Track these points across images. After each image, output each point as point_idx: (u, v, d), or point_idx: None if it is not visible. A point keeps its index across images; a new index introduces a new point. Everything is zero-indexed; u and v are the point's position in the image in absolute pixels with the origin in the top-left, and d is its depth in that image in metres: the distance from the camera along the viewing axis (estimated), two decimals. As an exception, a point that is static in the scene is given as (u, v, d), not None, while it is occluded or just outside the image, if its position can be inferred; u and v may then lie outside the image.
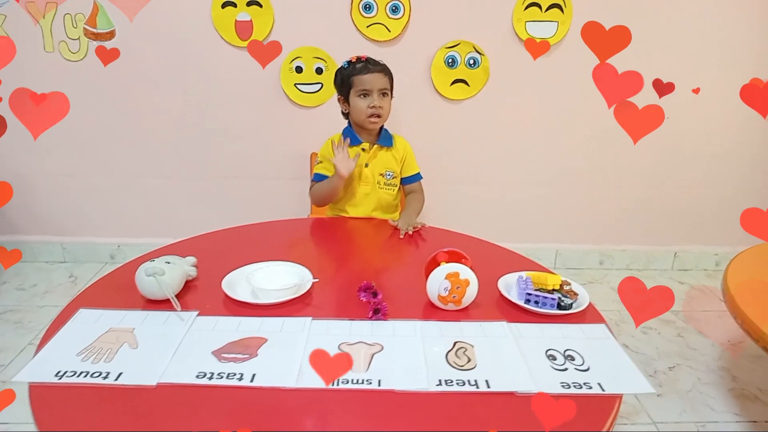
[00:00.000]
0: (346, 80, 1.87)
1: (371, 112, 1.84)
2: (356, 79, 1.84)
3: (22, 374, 0.97)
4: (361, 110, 1.85)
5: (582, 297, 1.28)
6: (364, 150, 1.90)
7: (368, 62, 1.86)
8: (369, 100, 1.84)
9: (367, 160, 1.91)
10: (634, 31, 2.76)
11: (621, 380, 1.01)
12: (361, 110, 1.85)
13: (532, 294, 1.24)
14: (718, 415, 1.91)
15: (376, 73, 1.84)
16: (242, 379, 0.96)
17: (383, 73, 1.86)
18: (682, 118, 2.73)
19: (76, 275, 2.76)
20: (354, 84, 1.85)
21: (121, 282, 1.30)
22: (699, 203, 2.92)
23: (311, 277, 1.30)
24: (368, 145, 1.91)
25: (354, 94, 1.86)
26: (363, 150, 1.90)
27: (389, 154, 1.94)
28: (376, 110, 1.84)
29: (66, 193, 2.78)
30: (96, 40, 2.46)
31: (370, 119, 1.85)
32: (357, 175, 1.90)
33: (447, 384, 0.97)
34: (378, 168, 1.92)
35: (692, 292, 2.80)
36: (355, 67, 1.85)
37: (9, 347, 2.15)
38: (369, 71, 1.84)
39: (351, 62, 1.88)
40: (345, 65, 1.89)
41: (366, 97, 1.85)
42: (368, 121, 1.86)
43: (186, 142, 2.69)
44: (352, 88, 1.86)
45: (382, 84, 1.85)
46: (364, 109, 1.84)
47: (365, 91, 1.84)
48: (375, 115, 1.85)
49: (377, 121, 1.87)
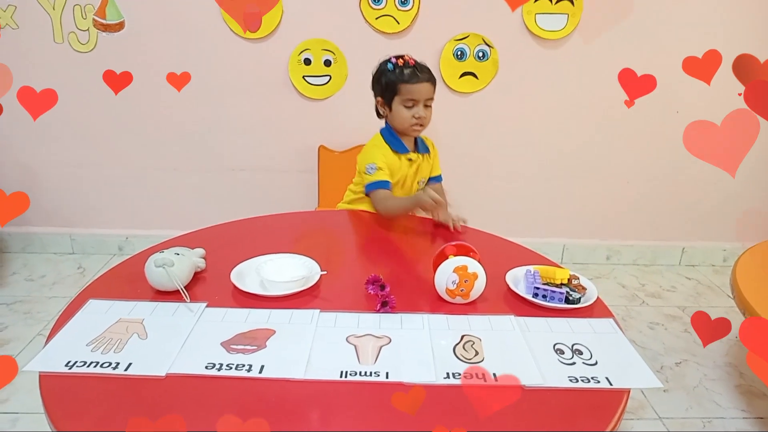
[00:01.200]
0: (391, 85, 1.75)
1: (415, 122, 1.75)
2: (403, 87, 1.73)
3: (33, 364, 0.98)
4: (404, 119, 1.75)
5: (590, 291, 1.27)
6: (411, 160, 1.83)
7: (416, 69, 1.74)
8: (414, 111, 1.74)
9: (414, 171, 1.84)
10: (643, 24, 2.76)
11: (629, 375, 1.01)
12: (405, 119, 1.75)
13: (540, 288, 1.24)
14: (724, 411, 1.91)
15: (424, 82, 1.73)
16: (251, 371, 0.97)
17: (431, 83, 1.75)
18: (691, 112, 2.71)
19: (84, 266, 2.78)
20: (400, 91, 1.74)
21: (130, 273, 1.30)
22: (707, 199, 2.91)
23: (319, 270, 1.30)
24: (415, 155, 1.84)
25: (399, 101, 1.75)
26: (410, 160, 1.83)
27: (427, 161, 1.89)
28: (420, 120, 1.75)
29: (74, 184, 2.79)
30: (105, 31, 2.47)
31: (413, 128, 1.77)
32: (401, 186, 1.84)
33: (455, 377, 0.97)
34: (418, 177, 1.87)
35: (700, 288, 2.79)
36: (404, 73, 1.73)
37: (18, 337, 2.17)
38: (418, 80, 1.72)
39: (396, 65, 1.75)
40: (390, 67, 1.76)
41: (411, 107, 1.74)
42: (411, 129, 1.77)
43: (194, 135, 2.70)
44: (397, 95, 1.75)
45: (429, 94, 1.75)
46: (409, 119, 1.75)
47: (412, 101, 1.73)
48: (418, 125, 1.76)
49: (420, 129, 1.78)
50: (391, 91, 1.76)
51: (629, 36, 2.54)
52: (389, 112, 1.79)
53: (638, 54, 2.56)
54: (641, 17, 2.52)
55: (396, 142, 1.80)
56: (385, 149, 1.80)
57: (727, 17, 2.55)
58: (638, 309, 2.55)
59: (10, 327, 2.24)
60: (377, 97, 1.83)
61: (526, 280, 1.30)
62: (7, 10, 2.43)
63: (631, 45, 2.55)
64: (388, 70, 1.76)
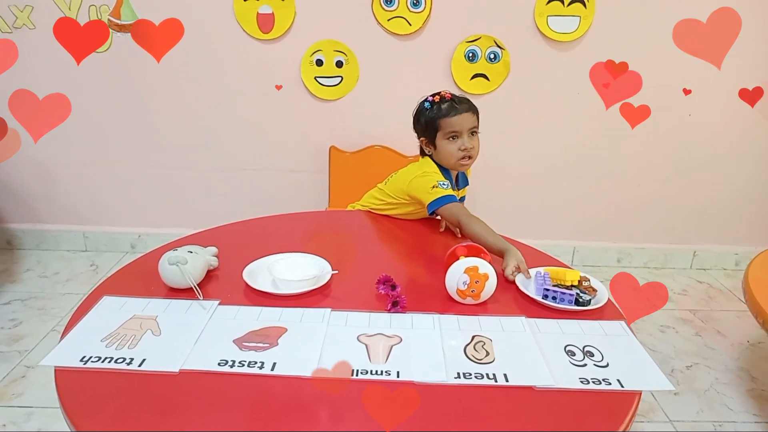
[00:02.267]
0: (431, 123, 1.70)
1: (462, 155, 1.69)
2: (444, 122, 1.67)
3: (49, 359, 0.99)
4: (451, 154, 1.69)
5: (601, 293, 1.27)
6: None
7: (453, 101, 1.69)
8: (459, 143, 1.67)
9: None
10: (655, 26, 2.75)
11: (640, 377, 1.00)
12: (452, 154, 1.68)
13: (550, 290, 1.24)
14: (735, 415, 1.90)
15: (465, 113, 1.68)
16: (263, 368, 0.98)
17: (471, 112, 1.70)
18: (702, 115, 2.70)
19: (97, 264, 2.80)
20: (441, 127, 1.68)
21: (143, 270, 1.32)
22: (719, 202, 2.89)
23: (331, 269, 1.31)
24: (456, 192, 1.77)
25: (442, 137, 1.69)
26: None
27: (463, 190, 1.87)
28: (468, 152, 1.69)
29: (88, 183, 2.82)
30: (120, 31, 2.49)
31: (461, 162, 1.71)
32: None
33: (465, 377, 0.97)
34: None
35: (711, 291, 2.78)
36: (441, 108, 1.68)
37: (32, 333, 2.20)
38: (458, 112, 1.66)
39: (434, 102, 1.70)
40: (427, 106, 1.71)
41: (455, 139, 1.68)
42: (459, 164, 1.71)
43: (206, 134, 2.72)
44: (438, 131, 1.69)
45: (471, 123, 1.69)
46: (455, 152, 1.68)
47: (455, 133, 1.67)
48: (467, 157, 1.70)
49: (468, 162, 1.72)
50: (433, 129, 1.70)
51: (642, 38, 2.54)
52: (434, 151, 1.73)
53: (651, 56, 2.55)
54: (652, 19, 2.52)
55: (446, 174, 1.74)
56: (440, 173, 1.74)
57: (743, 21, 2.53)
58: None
59: (24, 323, 2.26)
60: (420, 138, 1.78)
61: (536, 282, 1.30)
62: (24, 10, 2.46)
63: (644, 47, 2.54)
64: (426, 109, 1.72)
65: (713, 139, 2.76)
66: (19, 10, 2.46)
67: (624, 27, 2.52)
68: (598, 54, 2.54)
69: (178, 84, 2.63)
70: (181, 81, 2.62)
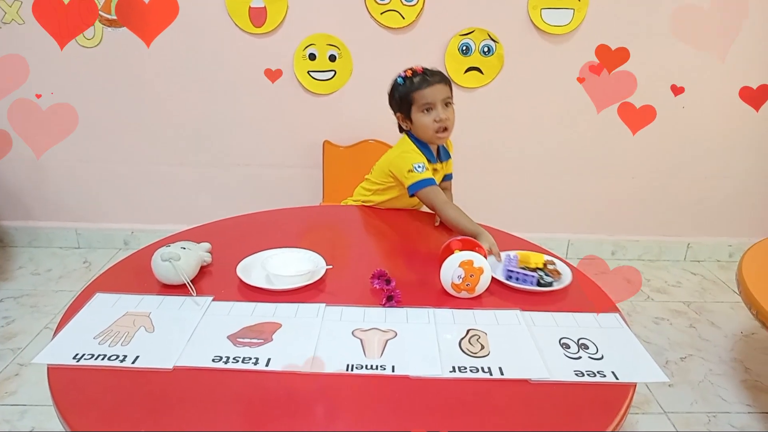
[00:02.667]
0: (405, 97, 1.73)
1: (438, 126, 1.71)
2: (417, 95, 1.71)
3: (41, 356, 0.99)
4: (427, 126, 1.72)
5: (565, 276, 1.32)
6: (436, 170, 1.81)
7: (426, 74, 1.72)
8: (434, 114, 1.70)
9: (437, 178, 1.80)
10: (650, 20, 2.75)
11: (635, 369, 1.01)
12: (428, 126, 1.71)
13: (514, 271, 1.30)
14: (729, 406, 1.91)
15: (436, 84, 1.71)
16: (257, 364, 0.97)
17: (443, 83, 1.73)
18: (696, 109, 2.70)
19: (90, 261, 2.79)
20: (415, 100, 1.72)
21: (136, 267, 1.31)
22: (713, 194, 2.90)
23: (325, 264, 1.31)
24: (440, 165, 1.82)
25: (416, 110, 1.73)
26: (435, 170, 1.80)
27: (448, 165, 1.88)
28: (443, 123, 1.71)
29: (80, 179, 2.80)
30: (110, 26, 2.47)
31: (438, 134, 1.73)
32: None
33: (461, 371, 0.97)
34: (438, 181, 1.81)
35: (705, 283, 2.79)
36: (413, 82, 1.71)
37: (25, 330, 2.18)
38: (429, 84, 1.70)
39: (406, 77, 1.73)
40: (400, 81, 1.75)
41: (430, 111, 1.71)
42: (436, 137, 1.73)
43: (199, 129, 2.70)
44: (413, 104, 1.73)
45: (444, 94, 1.72)
46: (430, 124, 1.71)
47: (428, 105, 1.70)
48: (442, 128, 1.72)
49: (445, 134, 1.74)
50: (407, 103, 1.74)
51: (636, 30, 2.53)
52: (411, 125, 1.76)
53: (645, 49, 2.55)
54: (647, 14, 2.51)
55: (427, 152, 1.77)
56: (418, 152, 1.76)
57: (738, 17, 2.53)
58: (643, 304, 2.55)
59: (17, 320, 2.25)
60: (396, 114, 1.81)
61: (504, 264, 1.35)
62: (13, 5, 2.43)
63: (638, 40, 2.54)
64: (399, 84, 1.75)
65: (707, 132, 2.76)
66: (8, 6, 2.43)
67: (618, 19, 2.52)
68: (592, 47, 2.54)
69: (169, 79, 2.61)
70: (172, 75, 2.60)
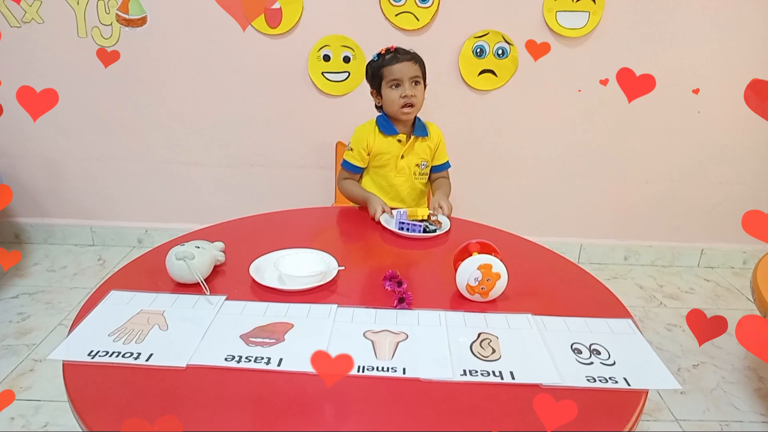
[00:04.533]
0: (376, 72, 1.85)
1: (403, 102, 1.80)
2: (386, 70, 1.81)
3: (57, 352, 1.00)
4: (393, 101, 1.82)
5: (445, 224, 1.64)
6: (400, 141, 1.88)
7: (397, 52, 1.83)
8: (401, 90, 1.80)
9: (403, 152, 1.88)
10: (667, 24, 2.72)
11: (647, 375, 1.00)
12: (393, 101, 1.81)
13: (405, 223, 1.60)
14: (742, 415, 1.89)
15: (405, 62, 1.80)
16: (269, 363, 0.98)
17: (413, 61, 1.82)
18: (711, 113, 2.68)
19: (104, 258, 2.82)
20: (384, 75, 1.82)
21: (151, 265, 1.32)
22: (727, 200, 2.87)
23: (337, 265, 1.31)
24: (404, 136, 1.88)
25: (385, 85, 1.83)
26: (399, 141, 1.88)
27: (424, 144, 1.92)
28: (408, 99, 1.80)
29: (96, 178, 2.83)
30: (128, 26, 2.49)
31: (403, 110, 1.81)
32: (393, 166, 1.89)
33: (471, 374, 0.97)
34: (414, 159, 1.91)
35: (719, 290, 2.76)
36: (385, 59, 1.82)
37: (40, 327, 2.21)
38: (398, 60, 1.80)
39: (380, 54, 1.85)
40: (375, 58, 1.87)
41: (397, 87, 1.81)
42: (401, 112, 1.82)
43: (214, 130, 2.72)
44: (383, 79, 1.83)
45: (413, 72, 1.81)
46: (396, 100, 1.80)
47: (396, 81, 1.80)
48: (408, 104, 1.81)
49: (410, 111, 1.82)
50: (378, 78, 1.85)
51: (651, 33, 2.52)
52: (382, 101, 1.88)
53: (661, 52, 2.53)
54: (663, 17, 2.50)
55: (386, 125, 1.87)
56: (370, 130, 1.88)
57: (754, 18, 2.51)
58: (656, 310, 2.53)
59: (32, 316, 2.28)
60: (371, 90, 1.93)
61: (396, 219, 1.63)
62: (33, 4, 2.47)
63: (654, 43, 2.53)
64: (373, 61, 1.87)
65: (722, 138, 2.74)
66: (27, 5, 2.47)
67: (633, 22, 2.50)
68: (608, 50, 2.53)
69: (185, 79, 2.63)
70: (188, 76, 2.62)
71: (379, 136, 1.88)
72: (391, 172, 1.90)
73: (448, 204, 1.74)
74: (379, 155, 1.89)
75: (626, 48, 2.54)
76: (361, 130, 1.91)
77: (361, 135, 1.89)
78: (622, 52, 2.55)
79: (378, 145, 1.88)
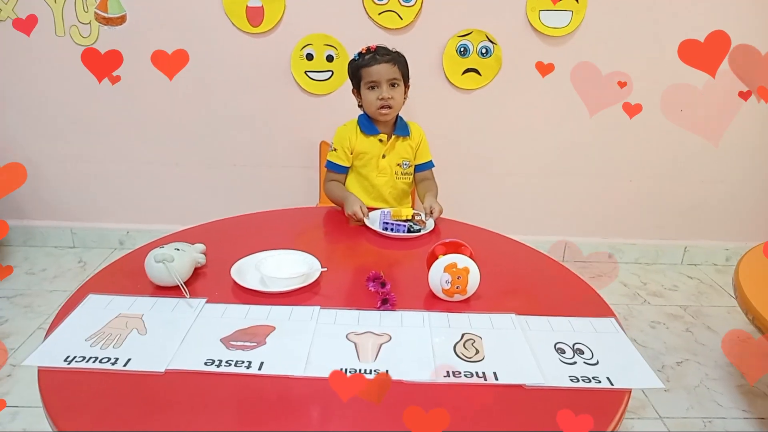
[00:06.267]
0: (355, 72, 1.85)
1: (380, 104, 1.80)
2: (364, 71, 1.81)
3: (32, 358, 0.98)
4: (371, 102, 1.82)
5: (429, 224, 1.63)
6: (381, 141, 1.88)
7: (377, 53, 1.81)
8: (378, 92, 1.80)
9: (384, 151, 1.88)
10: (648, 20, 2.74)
11: (630, 374, 1.00)
12: (371, 102, 1.82)
13: (389, 223, 1.59)
14: (725, 411, 1.90)
15: (383, 63, 1.79)
16: (250, 367, 0.96)
17: (392, 63, 1.81)
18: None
19: (85, 260, 2.78)
20: (363, 76, 1.82)
21: (130, 268, 1.30)
22: (710, 198, 2.90)
23: (320, 267, 1.30)
24: (385, 136, 1.88)
25: (364, 86, 1.83)
26: (380, 141, 1.88)
27: (406, 143, 1.92)
28: (385, 102, 1.80)
29: (76, 178, 2.79)
30: (107, 24, 2.46)
31: (381, 111, 1.81)
32: (375, 166, 1.89)
33: (455, 375, 0.97)
34: (395, 159, 1.91)
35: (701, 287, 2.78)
36: (364, 59, 1.82)
37: (18, 331, 2.17)
38: (376, 62, 1.79)
39: (361, 53, 1.85)
40: (355, 57, 1.86)
41: (375, 89, 1.81)
42: (379, 113, 1.82)
43: (196, 130, 2.69)
44: (362, 80, 1.83)
45: (391, 74, 1.80)
46: (374, 101, 1.81)
47: (373, 82, 1.81)
48: (385, 106, 1.81)
49: (388, 112, 1.82)
50: (357, 78, 1.86)
51: (634, 32, 2.53)
52: (361, 100, 1.88)
53: (643, 50, 2.55)
54: (646, 14, 2.51)
55: (367, 124, 1.87)
56: (352, 130, 1.89)
57: (736, 16, 2.53)
58: (639, 308, 2.55)
59: (10, 320, 2.24)
60: (353, 89, 1.93)
61: (380, 219, 1.63)
62: (9, 2, 2.42)
63: (636, 41, 2.54)
64: (354, 60, 1.87)
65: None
66: (3, 3, 2.42)
67: (616, 22, 2.51)
68: (591, 49, 2.54)
69: (165, 78, 2.59)
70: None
71: (361, 135, 1.88)
72: (373, 171, 1.90)
73: (439, 207, 1.73)
74: (360, 155, 1.89)
75: (609, 47, 2.54)
76: (342, 130, 1.90)
77: (343, 135, 1.89)
78: (605, 52, 2.56)
79: (359, 145, 1.88)
